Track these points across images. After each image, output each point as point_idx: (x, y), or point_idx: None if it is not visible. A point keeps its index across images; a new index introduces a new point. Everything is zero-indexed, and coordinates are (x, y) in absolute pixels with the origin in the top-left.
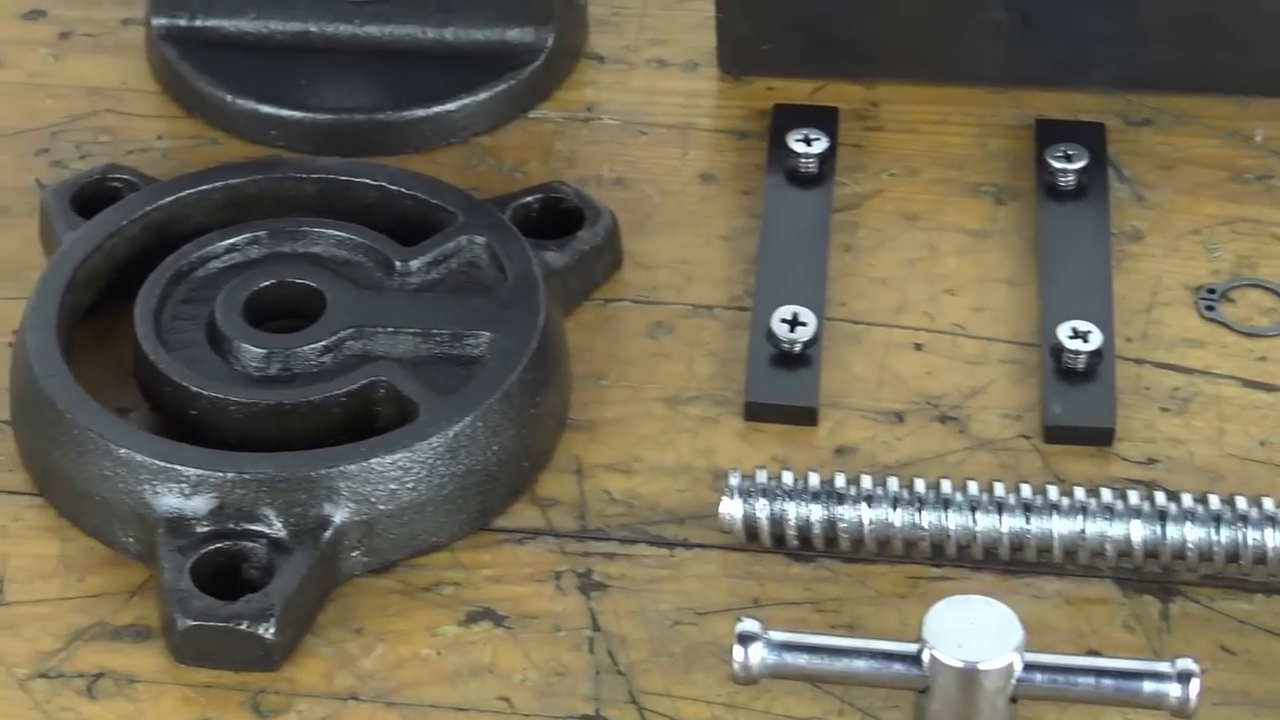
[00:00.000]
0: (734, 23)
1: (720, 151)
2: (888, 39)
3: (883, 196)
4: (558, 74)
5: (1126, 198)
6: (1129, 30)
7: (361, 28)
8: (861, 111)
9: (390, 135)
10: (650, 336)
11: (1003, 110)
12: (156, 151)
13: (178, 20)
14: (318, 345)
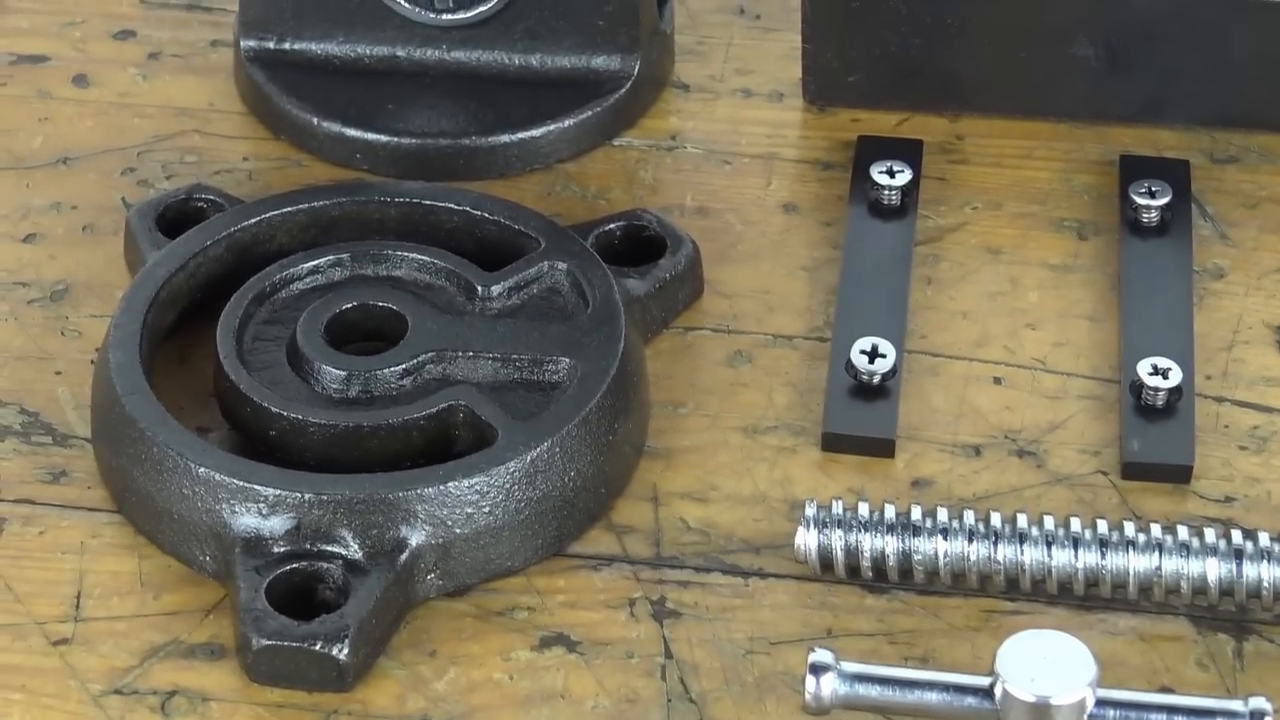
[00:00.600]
0: (820, 54)
1: (803, 182)
2: (973, 72)
3: (965, 230)
4: (643, 102)
5: (1210, 235)
6: (1215, 67)
7: (449, 53)
8: (946, 144)
9: (475, 160)
10: (729, 365)
11: (1087, 146)
12: (242, 172)
13: (266, 43)
14: (398, 368)
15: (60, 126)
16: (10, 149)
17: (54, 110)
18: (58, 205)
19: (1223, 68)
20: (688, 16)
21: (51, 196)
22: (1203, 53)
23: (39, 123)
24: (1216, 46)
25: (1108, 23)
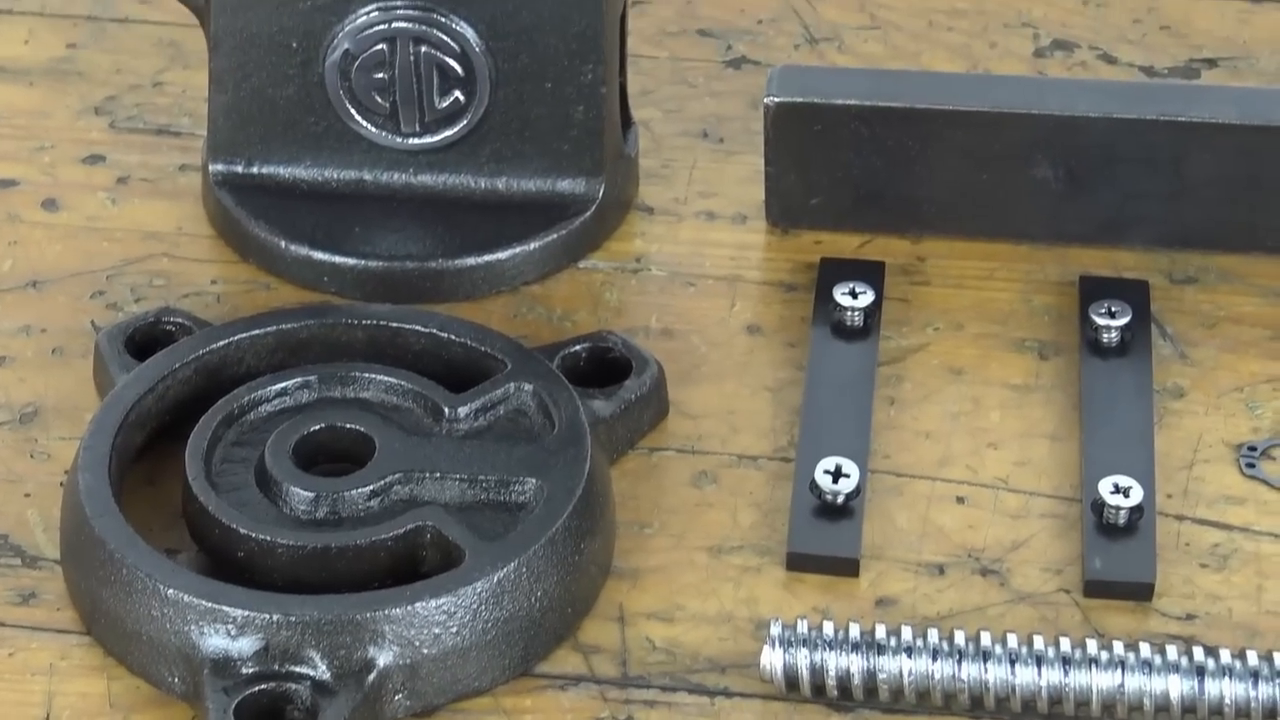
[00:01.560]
0: (782, 177)
1: (767, 303)
2: (935, 195)
3: (927, 350)
4: (608, 225)
5: (1169, 355)
6: (1173, 189)
7: (415, 177)
8: (908, 266)
9: (441, 283)
10: (695, 486)
11: (1048, 267)
12: (210, 295)
13: (235, 167)
14: (365, 489)
15: (30, 250)
16: None
17: (24, 234)
18: (27, 328)
19: (1180, 190)
20: (652, 140)
21: (21, 320)
22: (1160, 175)
23: (9, 246)
24: (1174, 169)
25: (1067, 146)
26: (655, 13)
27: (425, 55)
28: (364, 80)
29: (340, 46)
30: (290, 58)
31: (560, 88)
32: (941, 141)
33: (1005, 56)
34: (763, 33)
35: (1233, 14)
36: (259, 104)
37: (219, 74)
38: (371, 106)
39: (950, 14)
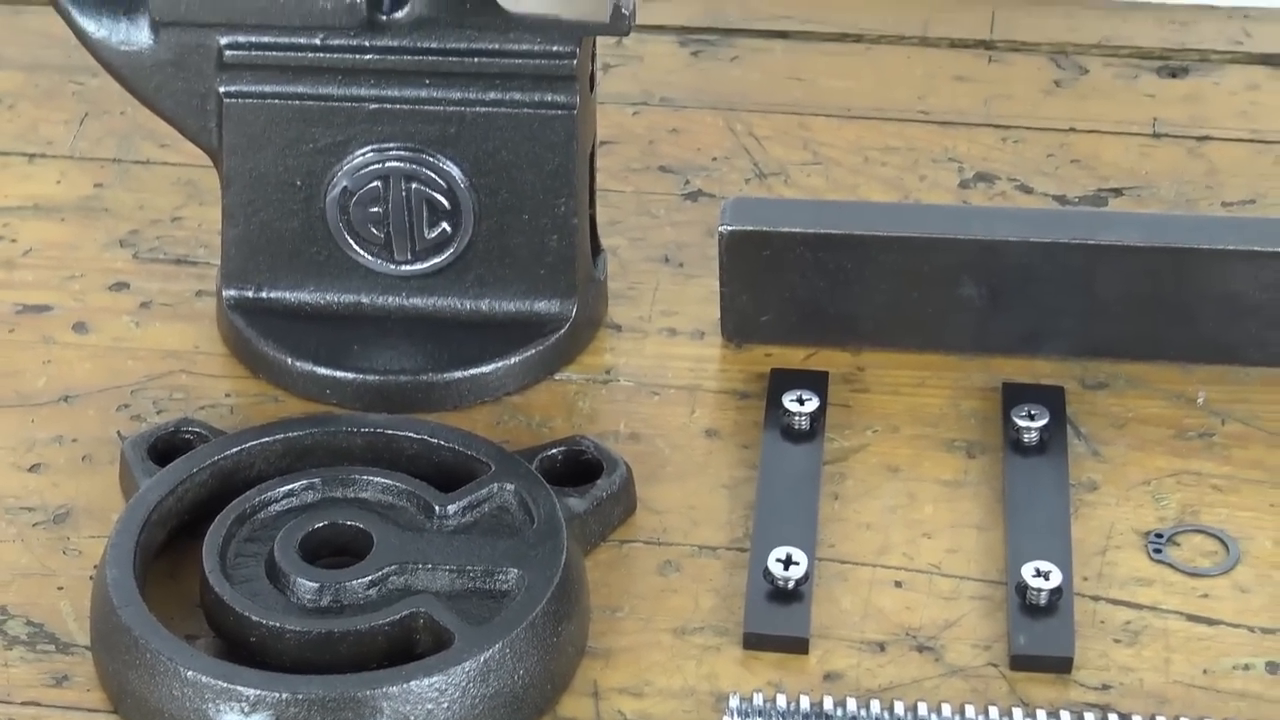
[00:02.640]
0: (736, 297)
1: (723, 410)
2: (872, 312)
3: (867, 450)
4: (581, 341)
5: (1084, 452)
6: (1085, 305)
7: (408, 300)
8: (849, 375)
9: (431, 394)
10: (660, 574)
11: (974, 375)
12: (225, 407)
13: (245, 292)
14: (365, 580)
15: (62, 368)
16: (17, 389)
17: (56, 354)
18: (60, 438)
19: (1092, 305)
20: (619, 265)
21: (54, 430)
22: (1074, 292)
23: (43, 365)
24: (1085, 287)
25: (989, 267)
26: (621, 152)
27: (416, 191)
28: (361, 214)
29: (339, 184)
30: (295, 195)
31: (537, 219)
32: (877, 264)
33: (933, 188)
34: (717, 169)
35: (1136, 148)
36: (267, 236)
37: (231, 209)
38: (368, 237)
39: (883, 150)
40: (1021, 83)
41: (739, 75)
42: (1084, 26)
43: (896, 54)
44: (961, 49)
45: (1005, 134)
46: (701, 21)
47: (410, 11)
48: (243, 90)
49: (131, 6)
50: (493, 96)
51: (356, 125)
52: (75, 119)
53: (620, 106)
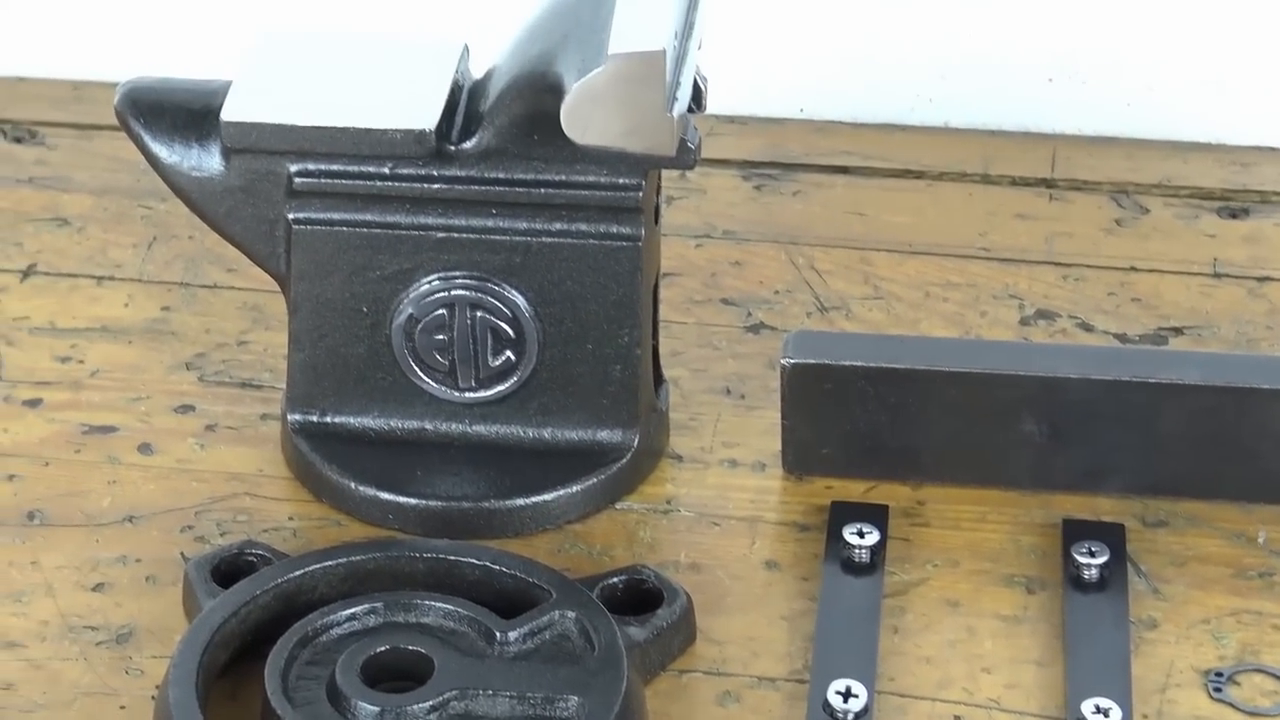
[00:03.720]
0: (797, 430)
1: (783, 542)
2: (933, 447)
3: (927, 585)
4: (642, 471)
5: (1144, 590)
6: (1146, 442)
7: (470, 426)
8: (909, 509)
9: (493, 521)
10: (720, 705)
11: (1034, 511)
12: (288, 530)
13: (310, 417)
14: (426, 705)
15: (127, 489)
16: (82, 508)
17: (122, 475)
18: (124, 558)
19: (1152, 443)
20: (681, 396)
21: (119, 550)
22: (1134, 430)
23: (108, 485)
24: (1146, 425)
25: (1050, 403)
26: (683, 284)
27: (480, 319)
28: (426, 341)
29: (405, 311)
30: (361, 321)
31: (600, 349)
32: (938, 399)
33: (994, 324)
34: (779, 302)
35: (1196, 288)
36: (333, 361)
37: (297, 334)
38: (432, 364)
39: (944, 286)
40: (1082, 221)
41: (801, 209)
42: (1145, 166)
43: (958, 191)
44: (1023, 187)
45: (1066, 272)
46: (764, 156)
47: (478, 142)
48: (311, 217)
49: (203, 133)
50: (558, 227)
51: (423, 253)
52: (144, 242)
53: (683, 238)
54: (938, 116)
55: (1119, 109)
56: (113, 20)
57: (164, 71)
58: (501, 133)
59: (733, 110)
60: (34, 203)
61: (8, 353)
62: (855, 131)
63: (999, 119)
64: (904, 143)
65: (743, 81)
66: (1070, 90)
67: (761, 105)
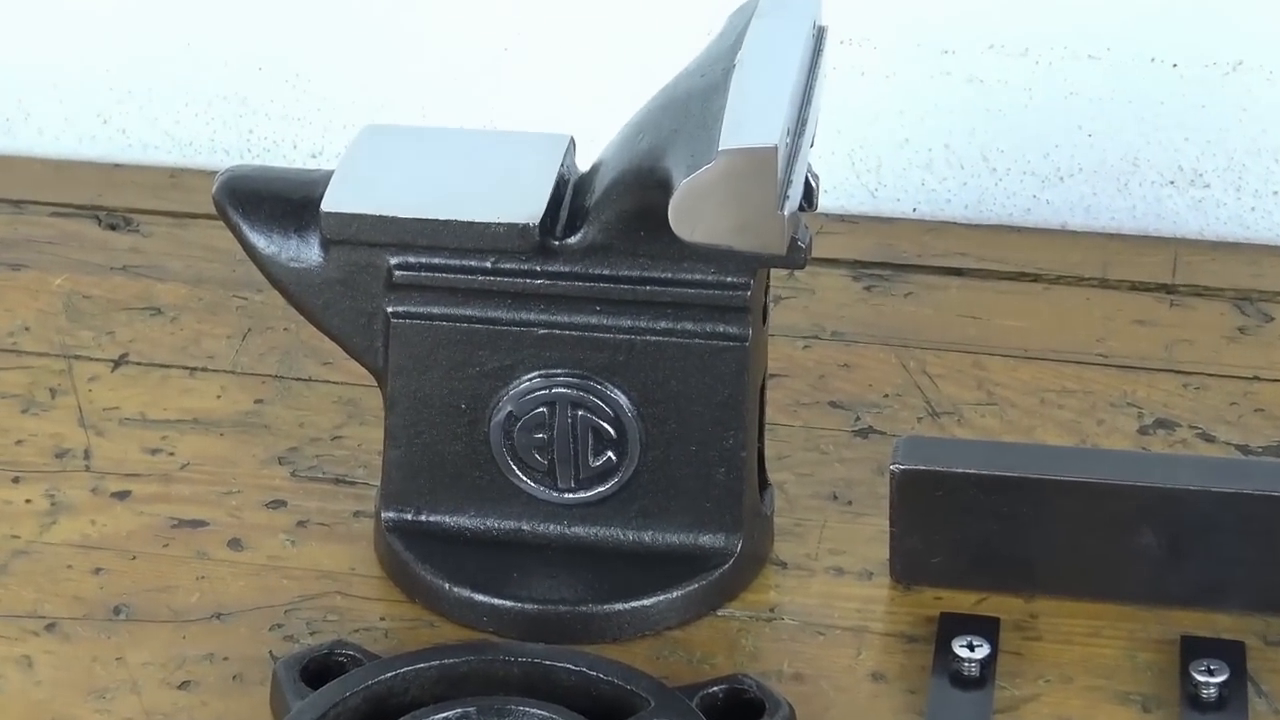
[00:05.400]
0: (905, 538)
1: (890, 653)
2: (1046, 558)
3: (1039, 701)
4: (745, 577)
5: (1265, 711)
6: (1268, 557)
7: (569, 528)
8: (1021, 622)
9: (591, 626)
10: None
11: (1151, 626)
12: (379, 631)
13: (405, 515)
14: None
15: (216, 585)
16: (169, 604)
17: (210, 570)
18: (211, 656)
19: (1274, 558)
20: (786, 501)
21: (206, 648)
22: (1256, 545)
23: (197, 580)
24: (1268, 539)
25: (1168, 516)
26: (790, 385)
27: (582, 419)
28: (525, 440)
29: (504, 409)
30: (459, 418)
31: (704, 451)
32: (1052, 509)
33: (1111, 433)
34: (889, 405)
35: None
36: (429, 458)
37: (394, 430)
38: (531, 464)
39: (1060, 393)
40: (1204, 328)
41: (913, 311)
42: (1269, 272)
43: (1075, 295)
44: (1142, 291)
45: (1187, 380)
46: (875, 256)
47: (583, 237)
48: (411, 310)
49: (302, 224)
50: (664, 326)
51: (524, 350)
52: (238, 334)
53: (791, 339)
54: (1055, 218)
55: (1242, 213)
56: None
57: (260, 161)
58: (607, 228)
59: (844, 209)
60: (127, 291)
61: (97, 443)
62: (969, 232)
63: (1118, 221)
64: (1019, 244)
65: (854, 180)
66: (1192, 193)
67: (873, 204)
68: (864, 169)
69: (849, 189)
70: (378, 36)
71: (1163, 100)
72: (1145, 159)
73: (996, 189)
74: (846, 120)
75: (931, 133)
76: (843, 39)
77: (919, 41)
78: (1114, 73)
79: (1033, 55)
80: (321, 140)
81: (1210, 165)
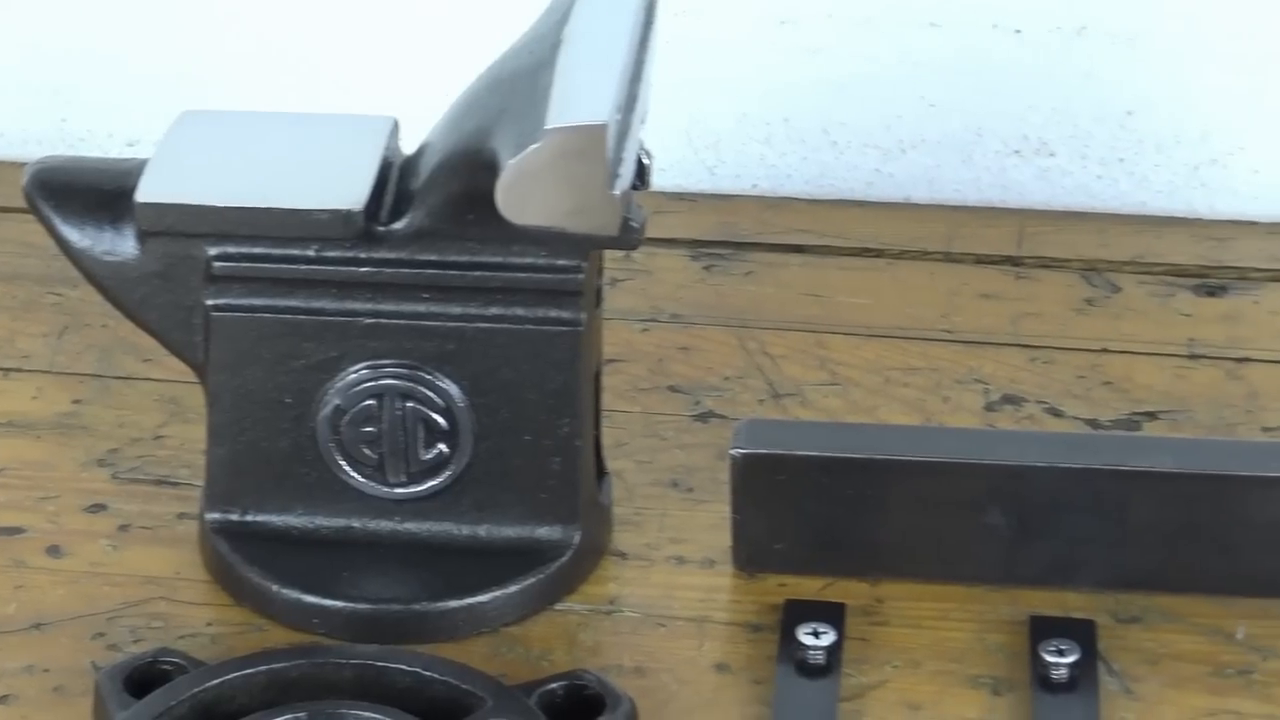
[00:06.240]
0: (748, 524)
1: (734, 643)
2: (892, 541)
3: (886, 687)
4: (583, 569)
5: (1116, 690)
6: (1117, 535)
7: (401, 524)
8: (868, 607)
9: (425, 625)
10: None
11: (1000, 607)
12: (205, 637)
13: (230, 515)
14: None
15: (34, 594)
16: None
17: (28, 579)
18: (30, 668)
19: (1124, 535)
20: (625, 490)
21: (24, 660)
22: (1105, 521)
23: (14, 590)
24: (1117, 515)
25: (1016, 494)
26: (628, 370)
27: (411, 410)
28: (353, 434)
29: (331, 402)
30: (284, 413)
31: (539, 440)
32: (898, 490)
33: (957, 410)
34: (729, 388)
35: (1171, 370)
36: (254, 456)
37: (217, 428)
38: (360, 458)
39: (905, 371)
40: (1051, 301)
41: (753, 291)
42: (1116, 242)
43: (919, 270)
44: (988, 265)
45: (1034, 354)
46: (714, 235)
47: (409, 223)
48: (231, 303)
49: (116, 216)
50: (494, 312)
51: (350, 341)
52: (54, 332)
53: (628, 323)
54: (898, 191)
55: (1089, 181)
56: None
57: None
58: (434, 213)
59: (681, 187)
60: None
61: None
62: (810, 208)
63: (962, 193)
64: (862, 219)
65: (692, 157)
66: (1038, 162)
67: (712, 182)
68: (701, 145)
69: (686, 166)
70: (194, 18)
71: (1006, 68)
72: (989, 129)
73: (838, 163)
74: (682, 95)
75: (770, 106)
76: (676, 10)
77: (756, 12)
78: (956, 40)
79: (872, 24)
80: (138, 128)
81: (1055, 133)
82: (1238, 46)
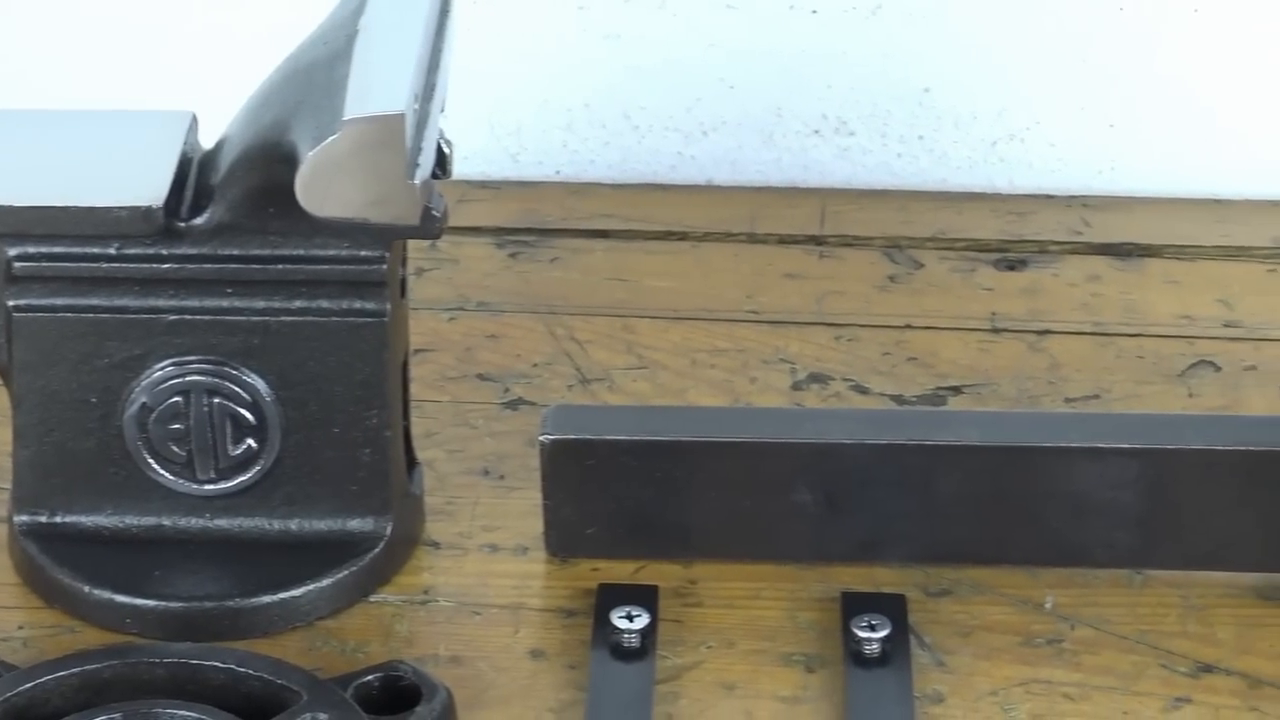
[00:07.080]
0: (559, 510)
1: (549, 629)
2: (703, 523)
3: (702, 668)
4: (396, 560)
5: (928, 663)
6: (926, 508)
7: (212, 520)
8: (680, 589)
9: (239, 621)
10: None
11: (811, 585)
12: (17, 640)
13: (38, 517)
14: None
15: None
16: None
17: None
18: None
19: (932, 509)
20: (436, 479)
21: None
22: (913, 496)
23: None
24: (925, 490)
25: (823, 471)
26: (436, 360)
27: (218, 406)
28: (160, 431)
29: (138, 401)
30: (90, 413)
31: (347, 433)
32: (707, 472)
33: (764, 390)
34: (538, 375)
35: (974, 344)
36: (61, 457)
37: (22, 429)
38: (168, 456)
39: (712, 353)
40: (854, 279)
41: (559, 277)
42: (918, 219)
43: (724, 251)
44: (791, 245)
45: (839, 332)
46: (519, 222)
47: (210, 218)
48: (33, 303)
49: None
50: (298, 305)
51: (155, 338)
52: None
53: (435, 312)
54: (700, 174)
55: (889, 159)
56: None
57: None
58: (234, 207)
59: (485, 175)
60: None
61: None
62: (614, 193)
63: (764, 174)
64: (665, 202)
65: (494, 144)
66: (838, 141)
67: (515, 169)
68: (504, 133)
69: (489, 154)
70: None
71: (804, 48)
72: (789, 109)
73: (640, 147)
74: (482, 83)
75: (571, 92)
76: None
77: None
78: (753, 22)
79: (670, 8)
80: None
81: (854, 112)
82: (1032, 22)
